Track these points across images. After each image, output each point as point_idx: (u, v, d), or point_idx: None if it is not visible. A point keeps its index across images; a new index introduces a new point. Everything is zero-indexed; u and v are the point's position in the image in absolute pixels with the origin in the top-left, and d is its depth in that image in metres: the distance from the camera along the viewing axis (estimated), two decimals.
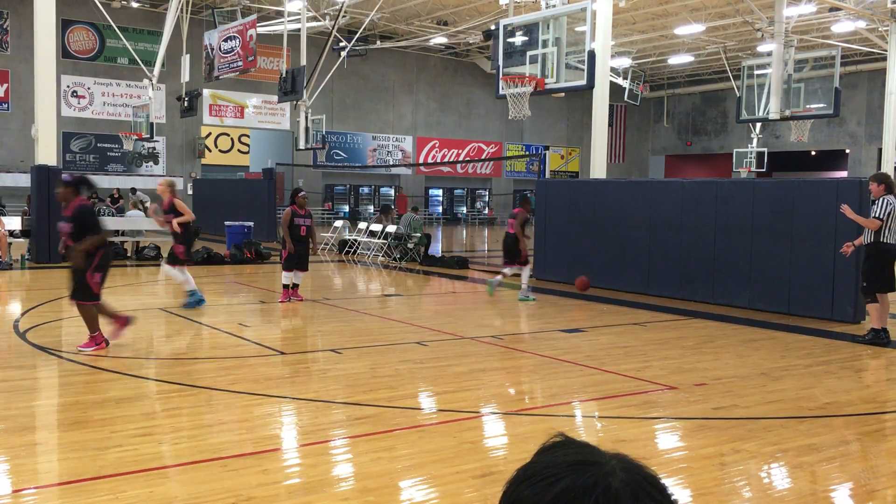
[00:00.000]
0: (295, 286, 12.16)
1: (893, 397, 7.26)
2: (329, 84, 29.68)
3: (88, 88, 32.54)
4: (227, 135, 36.23)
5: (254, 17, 22.36)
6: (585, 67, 12.59)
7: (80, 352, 8.01)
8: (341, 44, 28.34)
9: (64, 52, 30.70)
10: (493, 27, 22.06)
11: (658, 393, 6.92)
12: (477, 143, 42.57)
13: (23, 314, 10.47)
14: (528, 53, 13.11)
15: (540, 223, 15.81)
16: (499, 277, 13.15)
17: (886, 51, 27.75)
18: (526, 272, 12.92)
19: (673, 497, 0.97)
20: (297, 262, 11.90)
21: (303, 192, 12.16)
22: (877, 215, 9.08)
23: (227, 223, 20.30)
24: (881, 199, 9.15)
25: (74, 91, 32.17)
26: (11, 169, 30.56)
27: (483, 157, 41.33)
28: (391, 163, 39.69)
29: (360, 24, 28.69)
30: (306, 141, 25.33)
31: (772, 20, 22.51)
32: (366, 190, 40.59)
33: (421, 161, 40.36)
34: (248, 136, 36.84)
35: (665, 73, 44.14)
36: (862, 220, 9.24)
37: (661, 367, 7.94)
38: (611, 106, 18.98)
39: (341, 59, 28.25)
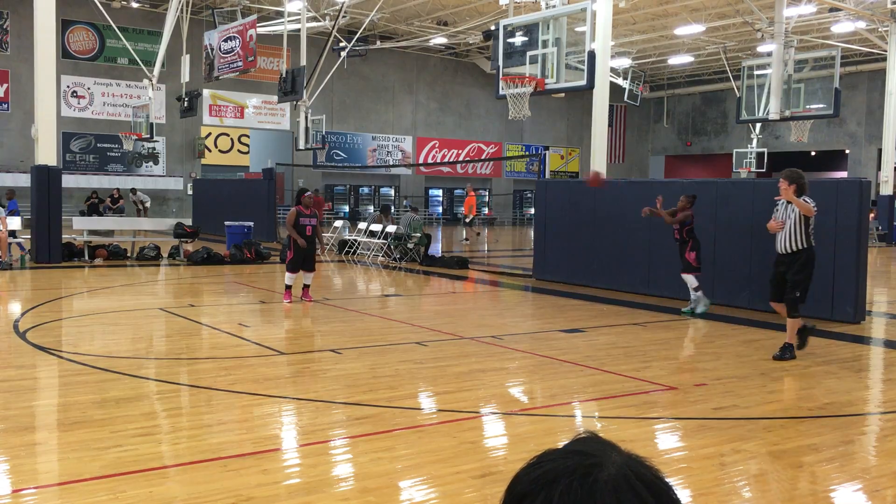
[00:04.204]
0: (305, 287, 12.11)
1: (893, 397, 7.26)
2: (329, 84, 29.68)
3: (88, 88, 32.55)
4: (227, 135, 36.24)
5: (254, 17, 22.37)
6: (585, 68, 12.59)
7: None
8: (341, 44, 28.35)
9: (64, 53, 30.71)
10: (493, 27, 22.05)
11: (658, 393, 6.92)
12: (477, 143, 42.57)
13: (23, 314, 10.46)
14: (528, 54, 13.11)
15: (540, 223, 15.82)
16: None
17: (886, 51, 27.80)
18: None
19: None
20: (302, 262, 11.88)
21: (309, 193, 12.12)
22: (812, 204, 8.05)
23: (227, 223, 20.31)
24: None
25: (74, 91, 32.17)
26: (11, 169, 30.55)
27: (483, 158, 41.34)
28: (391, 163, 39.70)
29: (360, 25, 28.70)
30: (306, 141, 25.34)
31: (772, 20, 22.51)
32: (366, 190, 40.60)
33: (421, 161, 40.36)
34: (248, 137, 36.84)
35: (665, 74, 44.15)
36: (803, 206, 8.00)
37: (661, 367, 7.94)
38: (611, 106, 18.98)
39: (341, 59, 28.25)
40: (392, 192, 40.61)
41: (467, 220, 28.15)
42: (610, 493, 0.90)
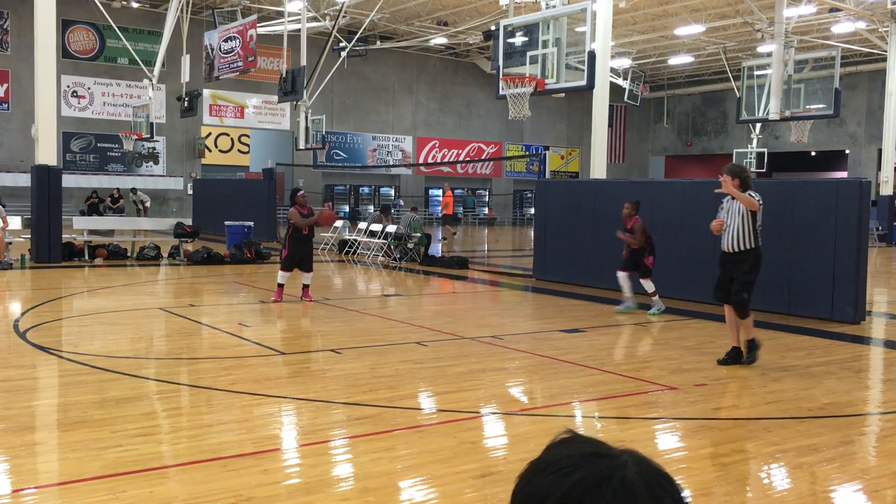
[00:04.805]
0: (305, 287, 12.12)
1: (893, 398, 7.25)
2: (329, 84, 29.68)
3: (88, 88, 32.55)
4: (227, 135, 36.24)
5: (254, 17, 22.37)
6: (585, 68, 12.60)
7: None
8: (341, 44, 28.35)
9: (64, 52, 30.71)
10: (493, 27, 22.05)
11: (658, 393, 6.92)
12: (477, 143, 42.57)
13: (23, 314, 10.46)
14: (529, 54, 13.11)
15: (540, 223, 15.81)
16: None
17: (886, 51, 27.80)
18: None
19: (684, 492, 0.97)
20: (299, 261, 11.88)
21: (301, 192, 12.14)
22: (758, 198, 7.73)
23: (227, 223, 20.30)
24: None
25: (74, 91, 32.18)
26: (11, 169, 30.57)
27: (483, 158, 41.34)
28: (391, 163, 39.70)
29: (360, 25, 28.71)
30: (306, 141, 25.33)
31: (772, 21, 22.52)
32: (366, 190, 40.60)
33: (421, 161, 40.36)
34: (248, 136, 36.85)
35: (665, 74, 44.15)
36: (746, 200, 7.64)
37: (661, 367, 7.94)
38: (611, 106, 18.99)
39: (341, 59, 28.26)
40: (392, 192, 40.61)
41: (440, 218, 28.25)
42: (646, 493, 0.93)
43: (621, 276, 11.67)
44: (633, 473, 0.94)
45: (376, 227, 19.82)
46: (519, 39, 13.62)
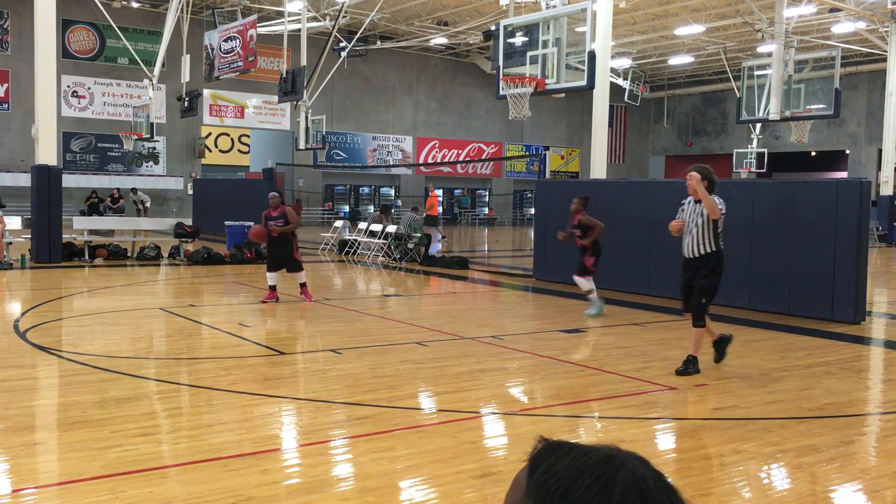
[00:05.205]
0: (302, 286, 12.16)
1: (893, 398, 7.25)
2: (329, 84, 29.68)
3: (88, 88, 32.55)
4: (228, 135, 36.24)
5: (254, 17, 22.37)
6: (585, 68, 12.59)
7: None
8: (341, 44, 28.36)
9: (64, 52, 30.71)
10: (493, 27, 22.05)
11: (658, 393, 6.92)
12: (477, 143, 42.57)
13: (23, 314, 10.46)
14: (529, 54, 13.11)
15: (540, 223, 15.81)
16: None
17: (886, 52, 27.80)
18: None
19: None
20: (278, 263, 11.98)
21: (272, 193, 12.25)
22: (721, 209, 7.39)
23: (227, 223, 20.30)
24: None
25: (75, 91, 32.18)
26: (11, 169, 30.57)
27: (483, 158, 41.34)
28: (391, 163, 39.70)
29: (361, 25, 28.71)
30: (306, 141, 25.33)
31: (772, 21, 22.53)
32: (366, 190, 40.61)
33: (421, 161, 40.37)
34: (248, 136, 36.85)
35: (665, 74, 44.16)
36: (710, 203, 7.34)
37: (661, 367, 7.93)
38: (611, 106, 18.99)
39: (341, 59, 28.26)
40: (392, 191, 40.61)
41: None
42: (658, 489, 0.95)
43: (579, 279, 11.30)
44: (631, 468, 0.95)
45: (376, 227, 19.82)
46: (519, 39, 13.62)
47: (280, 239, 11.84)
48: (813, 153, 41.24)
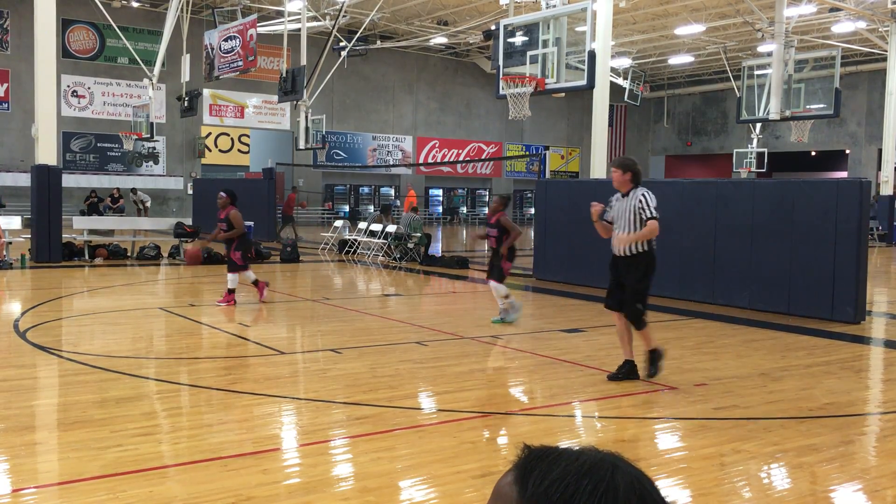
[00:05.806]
0: (254, 283, 12.03)
1: (893, 397, 7.25)
2: (329, 84, 29.68)
3: (88, 88, 32.55)
4: (227, 135, 36.23)
5: (254, 16, 22.36)
6: (585, 67, 12.59)
7: None
8: (341, 44, 28.35)
9: (64, 52, 30.70)
10: (493, 27, 22.06)
11: (658, 393, 6.92)
12: (477, 143, 42.57)
13: (23, 314, 10.46)
14: (529, 53, 13.11)
15: (540, 223, 15.81)
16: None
17: (886, 51, 27.80)
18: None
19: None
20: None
21: (220, 192, 11.91)
22: (650, 214, 7.03)
23: None
24: (635, 193, 7.11)
25: (74, 91, 32.17)
26: (11, 168, 30.56)
27: (483, 157, 41.34)
28: (391, 163, 39.70)
29: (361, 24, 28.70)
30: (306, 141, 25.34)
31: (772, 20, 22.52)
32: (366, 190, 40.60)
33: (421, 161, 40.36)
34: (248, 136, 36.84)
35: (665, 74, 44.15)
36: (644, 234, 7.09)
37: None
38: (611, 106, 18.98)
39: (341, 59, 28.26)
40: (392, 191, 40.60)
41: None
42: (651, 486, 0.97)
43: (492, 284, 10.60)
44: (626, 473, 0.97)
45: (376, 226, 19.82)
46: (519, 39, 13.62)
47: (230, 242, 11.63)
48: (813, 153, 41.24)
